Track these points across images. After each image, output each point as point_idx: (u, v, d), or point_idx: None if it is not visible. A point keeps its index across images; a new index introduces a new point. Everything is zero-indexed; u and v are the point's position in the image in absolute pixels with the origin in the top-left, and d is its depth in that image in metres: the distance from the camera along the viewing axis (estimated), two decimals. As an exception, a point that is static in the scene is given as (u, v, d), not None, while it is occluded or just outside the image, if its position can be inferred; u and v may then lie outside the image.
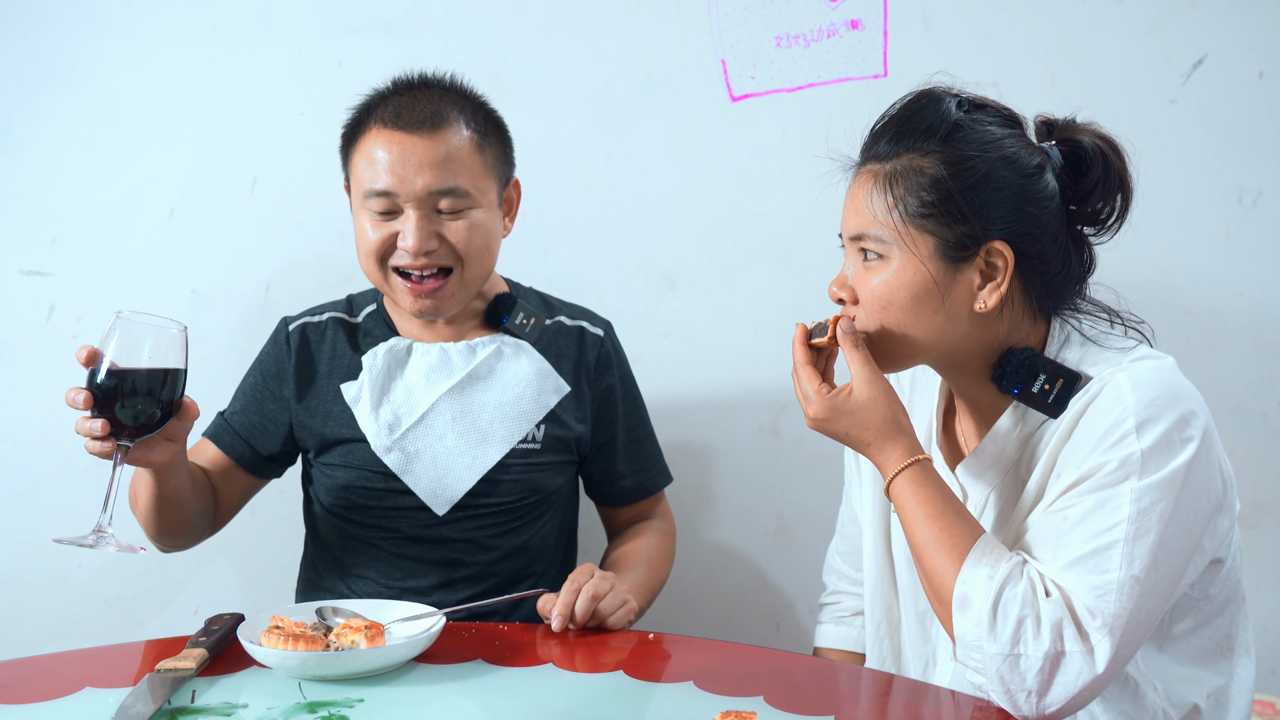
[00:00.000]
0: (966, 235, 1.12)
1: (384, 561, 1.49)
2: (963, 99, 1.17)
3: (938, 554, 1.09)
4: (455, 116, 1.41)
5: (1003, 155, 1.13)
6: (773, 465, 1.88)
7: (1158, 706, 1.15)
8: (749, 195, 1.85)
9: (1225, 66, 1.79)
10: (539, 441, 1.49)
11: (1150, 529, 1.03)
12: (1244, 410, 1.83)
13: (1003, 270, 1.13)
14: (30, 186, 1.80)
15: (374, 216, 1.41)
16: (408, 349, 1.50)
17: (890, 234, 1.14)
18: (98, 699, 1.05)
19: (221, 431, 1.53)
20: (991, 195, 1.12)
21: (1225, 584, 1.18)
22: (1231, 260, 1.81)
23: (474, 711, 1.05)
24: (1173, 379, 1.11)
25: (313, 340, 1.52)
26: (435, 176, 1.38)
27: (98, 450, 1.17)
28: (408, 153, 1.38)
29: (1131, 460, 1.05)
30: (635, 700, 1.07)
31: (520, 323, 1.51)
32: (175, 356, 1.16)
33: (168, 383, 1.16)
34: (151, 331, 1.15)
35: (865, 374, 1.15)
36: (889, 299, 1.14)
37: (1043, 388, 1.14)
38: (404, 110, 1.40)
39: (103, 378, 1.13)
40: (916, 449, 1.14)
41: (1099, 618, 1.02)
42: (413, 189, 1.38)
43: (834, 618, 1.49)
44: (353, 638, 1.14)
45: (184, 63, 1.81)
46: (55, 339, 1.80)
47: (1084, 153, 1.16)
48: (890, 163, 1.15)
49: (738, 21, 1.82)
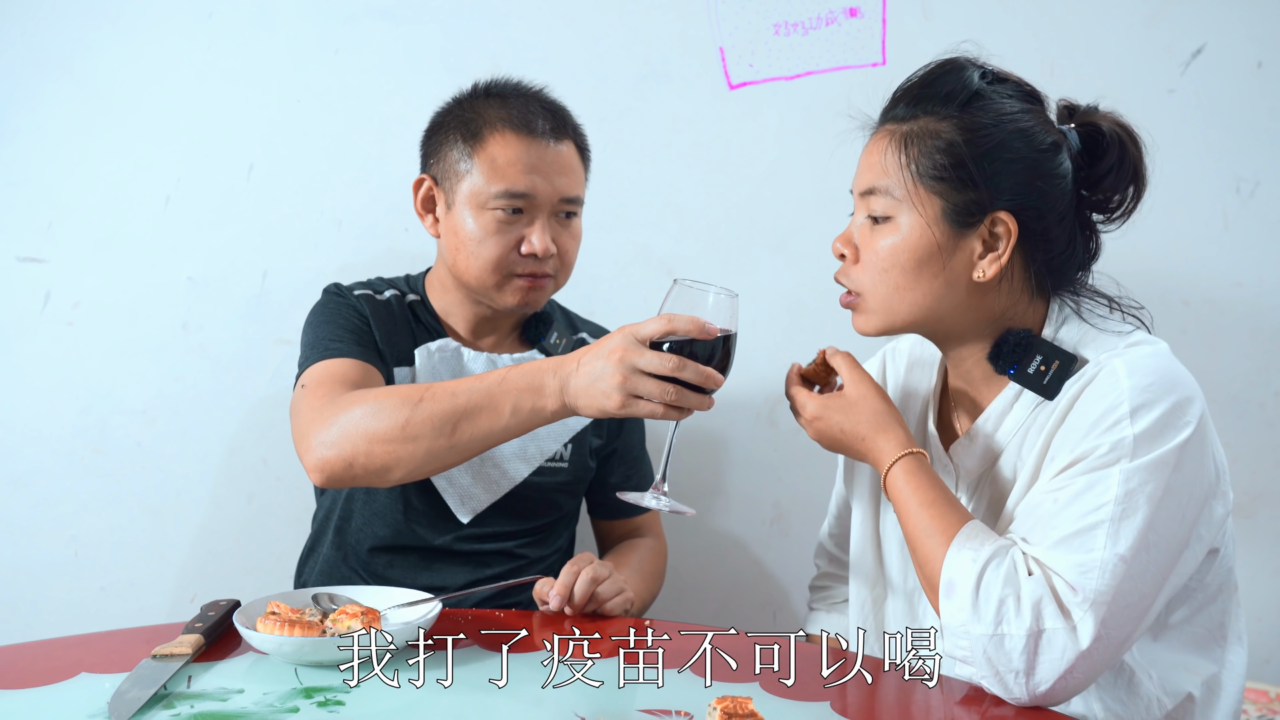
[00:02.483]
0: (974, 202, 1.14)
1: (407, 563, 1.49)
2: (986, 70, 1.18)
3: (929, 540, 1.10)
4: (569, 128, 1.48)
5: (1018, 128, 1.14)
6: (769, 455, 1.88)
7: (1152, 695, 1.16)
8: (747, 184, 1.85)
9: (1224, 56, 1.79)
10: (566, 460, 1.53)
11: (1138, 510, 1.04)
12: (1241, 400, 1.83)
13: (1005, 241, 1.14)
14: (26, 173, 1.80)
15: (503, 216, 1.43)
16: (456, 351, 1.51)
17: (901, 191, 1.15)
18: (94, 684, 1.05)
19: (340, 344, 1.42)
20: (1003, 166, 1.13)
21: (1219, 572, 1.19)
22: (1229, 250, 1.81)
23: (470, 698, 1.05)
24: (1169, 365, 1.11)
25: (379, 314, 1.49)
26: (570, 184, 1.45)
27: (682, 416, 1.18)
28: (544, 159, 1.43)
29: (1123, 444, 1.06)
30: (631, 686, 1.07)
31: (555, 342, 1.55)
32: (735, 321, 1.17)
33: (731, 348, 1.18)
34: (712, 299, 1.15)
35: (854, 375, 1.20)
36: (894, 260, 1.16)
37: (1038, 369, 1.15)
38: (532, 118, 1.44)
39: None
40: (910, 442, 1.16)
41: (1080, 593, 1.03)
42: (550, 195, 1.43)
43: (826, 604, 1.50)
44: (349, 623, 1.14)
45: (180, 50, 1.80)
46: (51, 326, 1.80)
47: (1101, 138, 1.17)
48: (908, 124, 1.17)
49: (736, 9, 1.81)
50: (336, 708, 1.00)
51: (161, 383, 1.82)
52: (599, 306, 1.80)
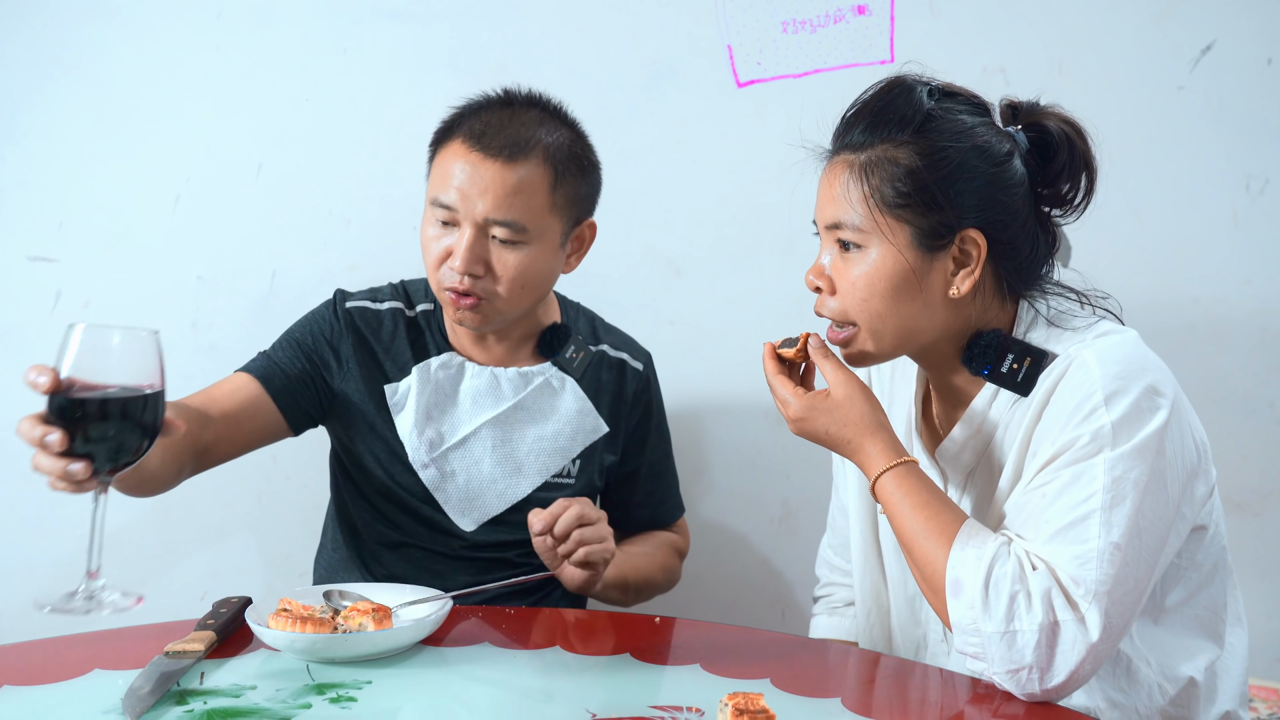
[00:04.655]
0: (941, 224, 1.14)
1: (413, 561, 1.50)
2: (933, 87, 1.18)
3: (926, 542, 1.10)
4: (539, 149, 1.39)
5: (975, 145, 1.14)
6: (777, 453, 1.88)
7: (1152, 681, 1.16)
8: (754, 182, 1.85)
9: (1233, 53, 1.79)
10: (573, 476, 1.52)
11: (1126, 496, 1.05)
12: (1250, 398, 1.82)
13: (976, 257, 1.15)
14: (36, 174, 1.80)
15: (437, 224, 1.41)
16: (459, 367, 1.50)
17: (868, 223, 1.15)
18: (107, 680, 1.05)
19: (260, 363, 1.47)
20: (965, 185, 1.14)
21: (1210, 551, 1.19)
22: (1239, 248, 1.81)
23: (481, 694, 1.06)
24: (1137, 352, 1.12)
25: (371, 326, 1.50)
26: (495, 206, 1.37)
27: (71, 490, 0.99)
28: (479, 175, 1.37)
29: (1103, 432, 1.06)
30: (642, 683, 1.07)
31: (570, 357, 1.52)
32: (151, 369, 0.97)
33: (149, 404, 0.98)
34: (120, 342, 0.95)
35: (840, 376, 1.18)
36: (871, 288, 1.16)
37: (1011, 367, 1.16)
38: (490, 130, 1.39)
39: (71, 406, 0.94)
40: (898, 448, 1.16)
41: (1082, 585, 1.03)
42: (471, 211, 1.38)
43: (828, 609, 1.51)
44: (360, 620, 1.14)
45: (189, 50, 1.81)
46: (61, 325, 1.79)
47: (1050, 138, 1.17)
48: (865, 152, 1.16)
49: (744, 7, 1.81)
50: (349, 704, 1.00)
51: (171, 381, 1.82)
52: (606, 307, 1.80)
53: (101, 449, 0.97)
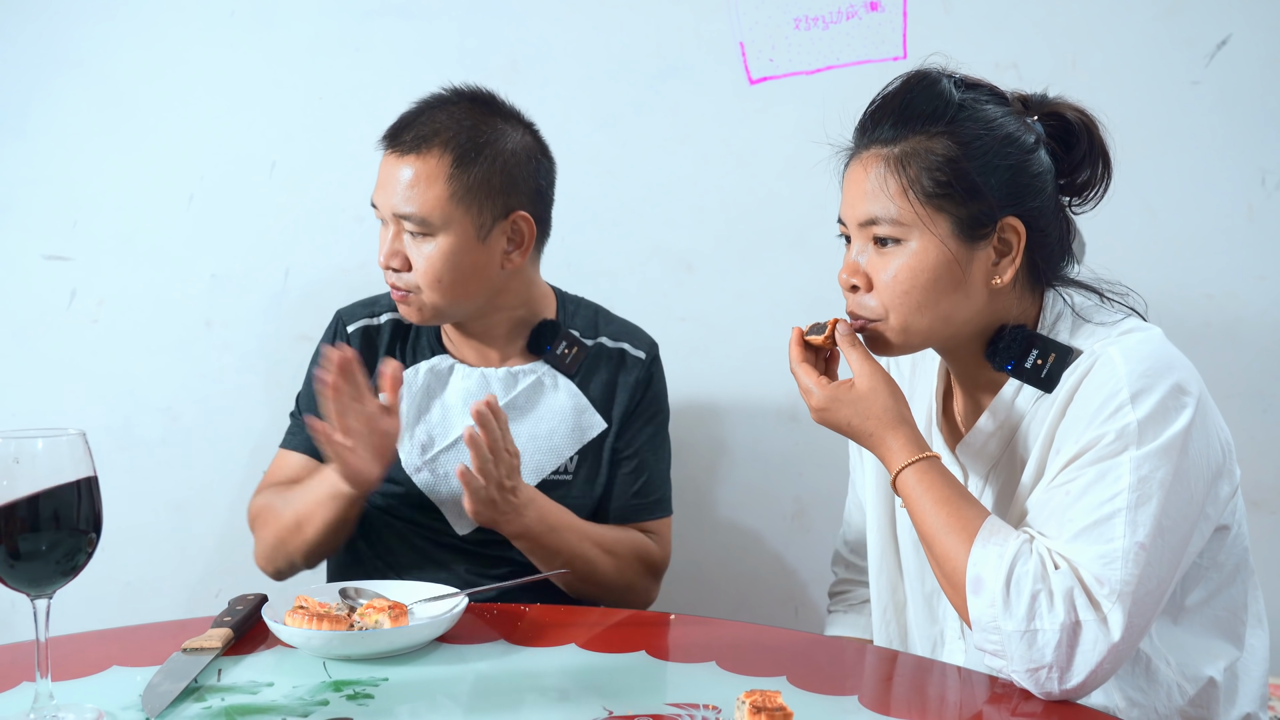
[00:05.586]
0: (981, 213, 1.14)
1: (420, 555, 1.50)
2: (956, 79, 1.18)
3: (947, 538, 1.09)
4: (440, 141, 1.40)
5: (1005, 133, 1.15)
6: (790, 449, 1.88)
7: (1171, 681, 1.16)
8: (766, 179, 1.84)
9: (1249, 47, 1.78)
10: (571, 473, 1.51)
11: (1151, 496, 1.04)
12: (1265, 394, 1.81)
13: (1016, 245, 1.15)
14: (51, 173, 1.81)
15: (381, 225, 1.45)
16: (449, 369, 1.50)
17: (908, 215, 1.14)
18: (125, 677, 1.05)
19: (302, 438, 1.50)
20: (999, 172, 1.14)
21: (1233, 551, 1.19)
22: (1253, 244, 1.80)
23: (497, 692, 1.06)
24: (1162, 349, 1.12)
25: (373, 345, 1.52)
26: (400, 199, 1.40)
27: None
28: (388, 171, 1.42)
29: (1128, 430, 1.05)
30: (658, 680, 1.07)
31: (562, 353, 1.51)
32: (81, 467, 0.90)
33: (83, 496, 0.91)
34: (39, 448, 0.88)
35: (866, 367, 1.16)
36: (912, 282, 1.14)
37: (1035, 363, 1.15)
38: (401, 128, 1.43)
39: None
40: (920, 442, 1.15)
41: (1106, 585, 1.03)
42: (386, 207, 1.42)
43: (844, 606, 1.50)
44: (376, 618, 1.14)
45: (201, 48, 1.81)
46: (76, 323, 1.81)
47: (1070, 127, 1.18)
48: (898, 145, 1.15)
49: (756, 3, 1.81)
50: (366, 701, 1.01)
51: (185, 379, 1.84)
52: (616, 302, 1.80)
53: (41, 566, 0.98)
